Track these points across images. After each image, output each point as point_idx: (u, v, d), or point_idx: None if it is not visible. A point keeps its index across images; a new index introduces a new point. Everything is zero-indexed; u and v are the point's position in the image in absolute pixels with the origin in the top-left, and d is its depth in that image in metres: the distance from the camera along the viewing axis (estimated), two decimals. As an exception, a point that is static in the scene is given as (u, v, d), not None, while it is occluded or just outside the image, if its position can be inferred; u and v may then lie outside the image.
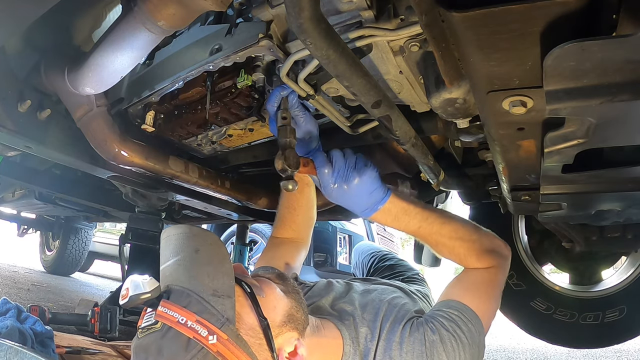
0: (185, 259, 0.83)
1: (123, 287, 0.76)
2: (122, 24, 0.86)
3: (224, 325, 0.74)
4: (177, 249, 0.85)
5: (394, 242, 5.58)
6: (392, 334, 0.95)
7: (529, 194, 1.13)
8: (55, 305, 2.89)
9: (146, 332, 0.75)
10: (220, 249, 0.85)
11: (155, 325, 0.74)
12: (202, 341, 0.72)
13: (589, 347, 2.39)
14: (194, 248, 0.84)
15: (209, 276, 0.79)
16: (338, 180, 0.97)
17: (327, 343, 0.94)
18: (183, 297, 0.75)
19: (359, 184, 0.97)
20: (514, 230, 2.10)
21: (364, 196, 0.98)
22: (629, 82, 0.55)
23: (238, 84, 1.01)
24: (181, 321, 0.73)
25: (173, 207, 2.42)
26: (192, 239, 0.86)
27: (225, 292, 0.77)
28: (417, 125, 1.15)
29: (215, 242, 0.86)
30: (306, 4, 0.60)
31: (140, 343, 0.75)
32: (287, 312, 0.87)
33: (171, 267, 0.83)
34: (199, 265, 0.81)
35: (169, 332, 0.73)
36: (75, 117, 1.16)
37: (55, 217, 4.33)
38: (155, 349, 0.72)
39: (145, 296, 0.73)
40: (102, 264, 6.22)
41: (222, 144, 1.35)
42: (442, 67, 0.73)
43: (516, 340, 3.47)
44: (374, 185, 0.98)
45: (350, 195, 0.98)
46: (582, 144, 0.74)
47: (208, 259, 0.83)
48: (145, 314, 0.77)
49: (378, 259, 1.96)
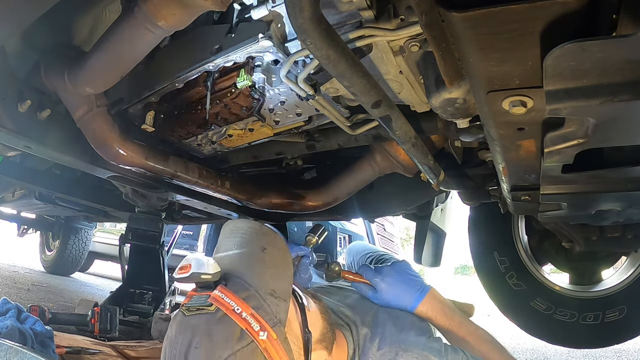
0: (250, 254, 0.84)
1: (183, 262, 0.76)
2: (122, 24, 0.86)
3: (276, 326, 0.75)
4: (243, 242, 0.86)
5: (394, 242, 5.58)
6: (403, 335, 0.96)
7: (529, 194, 1.13)
8: (55, 305, 2.89)
9: (196, 312, 0.74)
10: (286, 254, 0.87)
11: (209, 307, 0.73)
12: (253, 335, 0.72)
13: (589, 347, 2.39)
14: (262, 247, 0.85)
15: (271, 277, 0.80)
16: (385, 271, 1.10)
17: (339, 353, 0.96)
18: (242, 288, 0.76)
19: (399, 269, 1.11)
20: (514, 230, 2.10)
21: (408, 278, 1.10)
22: (629, 82, 0.55)
23: (238, 84, 1.01)
24: (237, 310, 0.73)
25: (173, 207, 2.41)
26: (261, 238, 0.88)
27: (283, 296, 0.79)
28: (417, 125, 1.15)
29: (282, 246, 0.88)
30: (306, 4, 0.60)
31: (187, 321, 0.75)
32: (322, 331, 0.88)
33: (232, 257, 0.84)
34: (264, 264, 0.83)
35: (223, 318, 0.73)
36: (75, 117, 1.16)
37: (55, 217, 4.33)
38: (204, 331, 0.72)
39: (207, 277, 0.74)
40: (102, 264, 6.21)
41: (222, 144, 1.35)
42: (442, 67, 0.73)
43: (516, 340, 3.47)
44: (410, 269, 1.12)
45: (399, 282, 1.08)
46: (582, 144, 0.74)
47: (273, 260, 0.84)
48: (194, 294, 0.77)
49: (374, 260, 1.96)
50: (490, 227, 2.15)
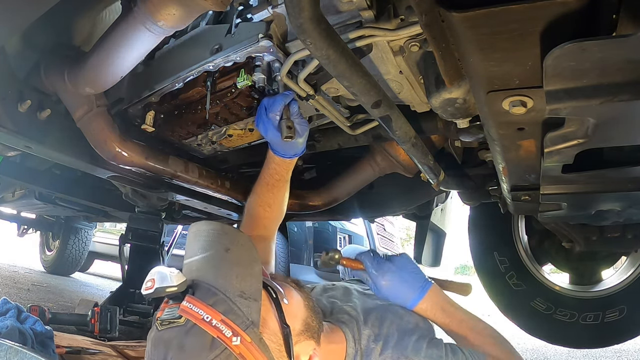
0: (214, 256, 0.82)
1: (148, 277, 0.74)
2: (122, 24, 0.86)
3: (249, 328, 0.74)
4: (207, 245, 0.84)
5: (394, 242, 5.58)
6: (404, 341, 0.95)
7: (529, 194, 1.13)
8: (55, 305, 2.89)
9: (167, 326, 0.73)
10: (250, 251, 0.84)
11: (179, 319, 0.73)
12: (225, 341, 0.71)
13: (589, 347, 2.39)
14: (225, 247, 0.83)
15: (237, 277, 0.78)
16: (380, 264, 1.08)
17: (335, 349, 0.95)
18: (209, 294, 0.75)
19: (400, 261, 1.09)
20: (514, 230, 2.10)
21: (410, 274, 1.08)
22: (629, 82, 0.55)
23: (238, 84, 1.01)
24: (206, 319, 0.72)
25: (173, 207, 2.41)
26: (224, 237, 0.85)
27: (252, 295, 0.77)
28: (417, 125, 1.15)
29: (246, 243, 0.85)
30: (306, 4, 0.60)
31: (160, 336, 0.74)
32: (305, 321, 0.87)
33: (198, 263, 0.82)
34: (229, 265, 0.81)
35: (193, 328, 0.72)
36: (75, 117, 1.16)
37: (55, 217, 4.33)
38: (176, 344, 0.71)
39: (172, 289, 0.72)
40: (102, 264, 6.22)
41: (222, 144, 1.35)
42: (442, 67, 0.73)
43: (516, 340, 3.47)
44: (412, 264, 1.09)
45: (399, 278, 1.07)
46: (582, 144, 0.74)
47: (238, 259, 0.82)
48: (166, 307, 0.76)
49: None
50: (490, 227, 2.15)
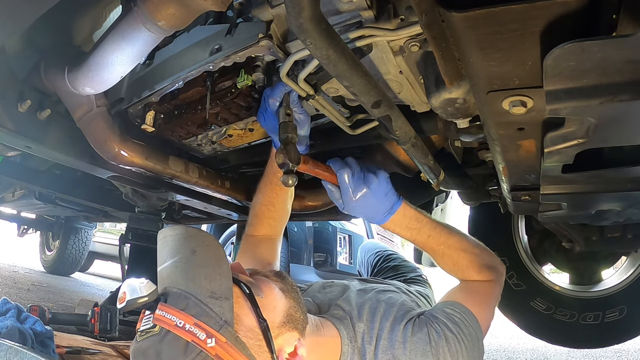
0: (182, 260, 0.82)
1: (120, 290, 0.75)
2: (122, 24, 0.86)
3: (222, 328, 0.74)
4: (174, 250, 0.84)
5: (394, 242, 5.57)
6: (394, 333, 0.95)
7: (529, 194, 1.13)
8: (55, 305, 2.89)
9: (144, 336, 0.74)
10: (217, 250, 0.84)
11: (154, 328, 0.74)
12: (200, 344, 0.72)
13: (589, 347, 2.39)
14: (191, 249, 0.83)
15: (206, 278, 0.78)
16: (357, 183, 1.01)
17: (326, 342, 0.94)
18: (180, 299, 0.75)
19: (377, 184, 1.01)
20: (514, 230, 2.10)
21: (381, 198, 1.03)
22: (629, 82, 0.55)
23: (238, 84, 1.01)
24: (179, 324, 0.72)
25: (173, 207, 2.42)
26: (189, 240, 0.85)
27: (223, 294, 0.77)
28: (417, 125, 1.15)
29: (212, 243, 0.85)
30: (306, 4, 0.60)
31: (139, 347, 0.75)
32: (287, 312, 0.86)
33: (168, 269, 0.82)
34: (196, 267, 0.81)
35: (167, 335, 0.72)
36: (75, 117, 1.16)
37: (55, 217, 4.33)
38: (153, 353, 0.72)
39: (143, 300, 0.73)
40: (102, 264, 6.22)
41: (222, 144, 1.35)
42: (442, 67, 0.73)
43: (516, 340, 3.47)
44: (388, 186, 1.03)
45: (368, 198, 1.02)
46: (582, 144, 0.74)
47: (205, 260, 0.82)
48: (143, 317, 0.77)
49: (383, 259, 1.96)
50: (490, 227, 2.15)
